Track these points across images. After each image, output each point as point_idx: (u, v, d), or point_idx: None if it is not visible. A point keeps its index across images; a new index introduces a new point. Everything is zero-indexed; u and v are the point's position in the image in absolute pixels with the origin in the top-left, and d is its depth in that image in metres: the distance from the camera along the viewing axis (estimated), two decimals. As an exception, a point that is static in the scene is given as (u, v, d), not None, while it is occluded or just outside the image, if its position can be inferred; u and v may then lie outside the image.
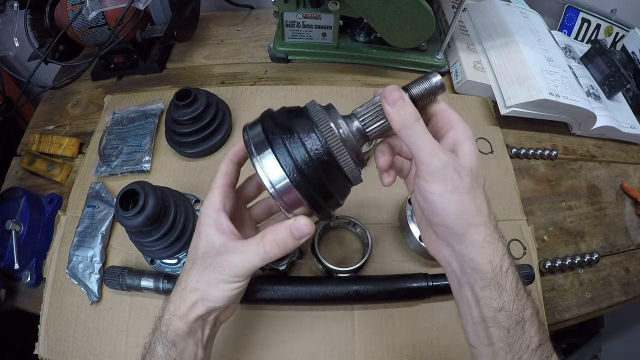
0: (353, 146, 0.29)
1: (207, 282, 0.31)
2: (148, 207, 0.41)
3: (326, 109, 0.30)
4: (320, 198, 0.28)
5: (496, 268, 0.28)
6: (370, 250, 0.50)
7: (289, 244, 0.29)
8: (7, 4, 0.60)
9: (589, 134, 0.68)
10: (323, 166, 0.28)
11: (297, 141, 0.27)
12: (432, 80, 0.30)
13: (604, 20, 0.82)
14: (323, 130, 0.28)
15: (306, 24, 0.66)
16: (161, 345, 0.31)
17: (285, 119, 0.29)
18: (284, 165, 0.27)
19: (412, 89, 0.30)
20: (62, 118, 0.69)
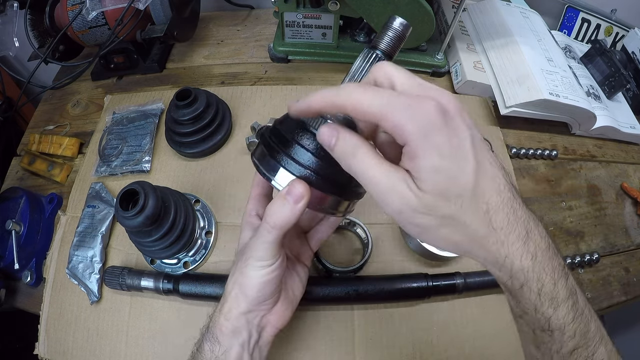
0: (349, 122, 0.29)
1: (240, 273, 0.32)
2: (148, 207, 0.41)
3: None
4: (340, 185, 0.29)
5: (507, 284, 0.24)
6: (370, 250, 0.50)
7: (286, 211, 0.28)
8: (7, 4, 0.60)
9: (589, 134, 0.68)
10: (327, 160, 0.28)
11: (299, 148, 0.28)
12: (394, 25, 0.29)
13: (604, 20, 0.82)
14: (316, 126, 0.28)
15: (306, 24, 0.66)
16: (208, 342, 0.32)
17: (281, 132, 0.30)
18: (297, 174, 0.28)
19: (380, 44, 0.29)
20: (62, 118, 0.69)
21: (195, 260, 0.51)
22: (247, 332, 0.32)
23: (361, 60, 0.30)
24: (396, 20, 0.29)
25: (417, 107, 0.22)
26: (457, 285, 0.48)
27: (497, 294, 0.51)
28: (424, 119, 0.22)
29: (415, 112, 0.22)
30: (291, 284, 0.37)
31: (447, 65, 0.71)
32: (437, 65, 0.70)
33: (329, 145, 0.25)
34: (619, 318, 1.03)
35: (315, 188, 0.28)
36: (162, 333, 0.48)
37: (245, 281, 0.32)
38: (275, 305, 0.34)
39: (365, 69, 0.30)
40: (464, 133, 0.23)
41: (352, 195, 0.31)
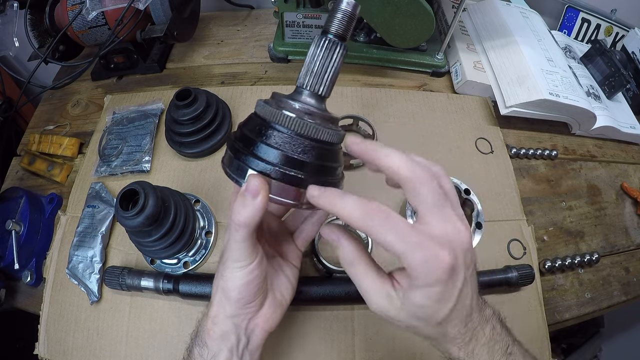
0: (315, 112, 0.29)
1: (221, 276, 0.32)
2: (148, 207, 0.41)
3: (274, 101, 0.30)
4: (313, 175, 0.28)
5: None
6: (370, 251, 0.50)
7: (248, 207, 0.28)
8: (7, 4, 0.60)
9: (589, 134, 0.68)
10: (303, 151, 0.28)
11: (262, 145, 0.28)
12: (342, 5, 0.29)
13: (604, 20, 0.82)
14: (283, 123, 0.28)
15: (306, 24, 0.66)
16: (197, 346, 0.32)
17: (244, 134, 0.29)
18: (267, 172, 0.28)
19: (330, 28, 0.29)
20: (62, 118, 0.69)
21: (195, 260, 0.51)
22: (236, 336, 0.32)
23: (315, 48, 0.30)
24: (344, 1, 0.29)
25: (433, 259, 0.25)
26: (457, 285, 0.48)
27: (496, 294, 0.51)
28: (434, 273, 0.25)
29: (429, 263, 0.25)
30: (278, 285, 0.36)
31: (447, 65, 0.71)
32: (437, 65, 0.70)
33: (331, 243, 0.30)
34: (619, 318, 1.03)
35: (281, 182, 0.27)
36: (162, 333, 0.48)
37: (226, 284, 0.31)
38: (262, 307, 0.34)
39: (321, 56, 0.29)
40: (459, 282, 0.26)
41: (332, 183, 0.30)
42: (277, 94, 0.31)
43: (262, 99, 0.30)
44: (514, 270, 0.49)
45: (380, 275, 0.29)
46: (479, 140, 0.63)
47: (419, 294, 0.26)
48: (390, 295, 0.27)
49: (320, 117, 0.29)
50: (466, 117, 0.66)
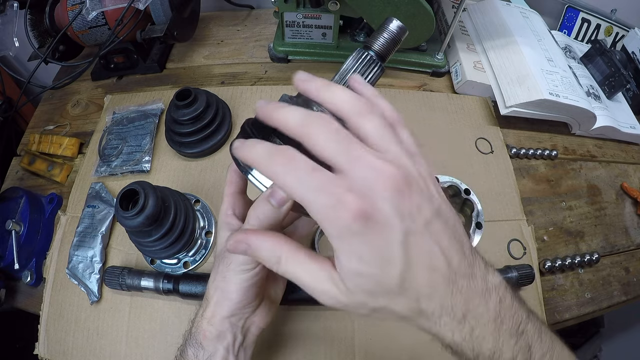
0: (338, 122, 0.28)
1: (222, 278, 0.31)
2: (148, 207, 0.41)
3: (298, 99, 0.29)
4: None
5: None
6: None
7: (269, 213, 0.27)
8: (7, 4, 0.60)
9: (589, 134, 0.68)
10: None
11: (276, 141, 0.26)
12: (391, 27, 0.28)
13: (604, 20, 0.82)
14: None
15: (306, 24, 0.66)
16: (191, 347, 0.32)
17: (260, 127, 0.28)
18: None
19: (374, 45, 0.29)
20: (62, 118, 0.69)
21: (195, 260, 0.51)
22: (232, 335, 0.32)
23: (353, 60, 0.29)
24: (393, 22, 0.28)
25: (333, 205, 0.20)
26: (457, 285, 0.48)
27: (497, 294, 0.51)
28: (338, 222, 0.20)
29: (329, 211, 0.20)
30: (273, 284, 0.37)
31: (447, 65, 0.71)
32: (437, 65, 0.70)
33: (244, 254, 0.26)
34: (619, 318, 1.03)
35: None
36: (162, 333, 0.48)
37: (227, 286, 0.31)
38: (258, 306, 0.34)
39: (357, 69, 0.29)
40: (393, 231, 0.21)
41: None
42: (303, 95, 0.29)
43: (287, 95, 0.29)
44: (514, 270, 0.49)
45: (315, 260, 0.24)
46: (479, 140, 0.63)
47: (344, 257, 0.21)
48: (331, 278, 0.22)
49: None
50: (466, 117, 0.66)
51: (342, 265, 0.22)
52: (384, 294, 0.22)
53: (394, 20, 0.28)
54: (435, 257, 0.22)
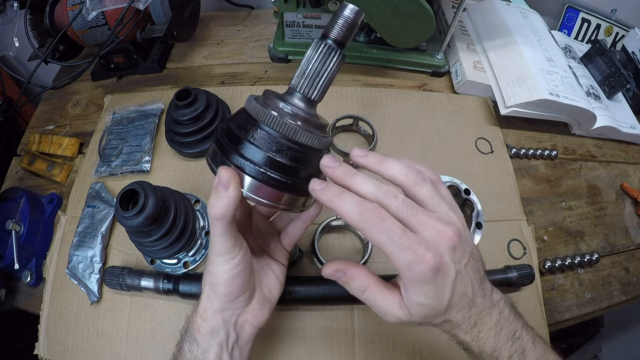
0: (304, 117, 0.29)
1: (207, 272, 0.33)
2: (148, 207, 0.41)
3: (263, 99, 0.30)
4: (296, 180, 0.29)
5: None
6: (370, 250, 0.50)
7: (222, 200, 0.28)
8: (7, 4, 0.60)
9: (589, 134, 0.68)
10: (283, 153, 0.28)
11: (249, 145, 0.28)
12: (345, 12, 0.28)
13: (604, 20, 0.82)
14: (266, 122, 0.28)
15: (306, 24, 0.66)
16: (187, 342, 0.33)
17: (230, 129, 0.29)
18: (248, 172, 0.28)
19: (330, 33, 0.29)
20: (62, 118, 0.69)
21: (195, 260, 0.51)
22: (225, 332, 0.33)
23: (312, 51, 0.29)
24: (347, 7, 0.28)
25: (417, 260, 0.27)
26: (457, 285, 0.48)
27: (497, 294, 0.51)
28: (419, 274, 0.27)
29: (412, 265, 0.27)
30: (267, 282, 0.37)
31: (447, 65, 0.71)
32: (437, 65, 0.70)
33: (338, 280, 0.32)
34: (619, 318, 1.03)
35: (256, 180, 0.28)
36: (162, 333, 0.48)
37: (213, 279, 0.32)
38: (250, 303, 0.34)
39: (317, 60, 0.29)
40: (450, 276, 0.28)
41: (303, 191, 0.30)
42: (269, 91, 0.31)
43: (253, 95, 0.30)
44: (514, 270, 0.49)
45: (388, 289, 0.30)
46: (479, 140, 0.63)
47: (414, 294, 0.28)
48: (401, 305, 0.29)
49: (305, 121, 0.29)
50: (466, 117, 0.66)
51: (410, 299, 0.29)
52: (434, 316, 0.29)
53: (348, 5, 0.28)
54: (467, 287, 0.29)
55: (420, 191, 0.29)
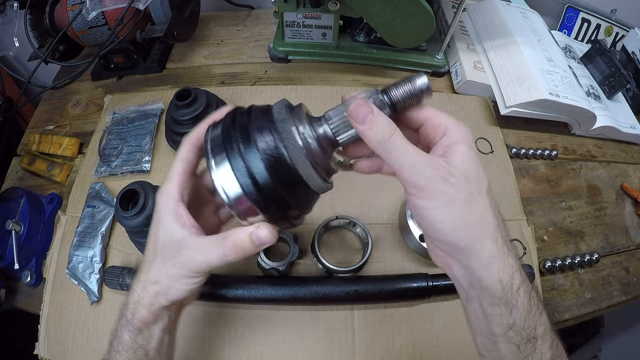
0: (318, 155, 0.27)
1: (167, 276, 0.31)
2: (148, 207, 0.41)
3: (293, 110, 0.28)
4: (278, 210, 0.27)
5: (506, 286, 0.26)
6: (370, 250, 0.50)
7: (248, 250, 0.28)
8: (7, 4, 0.60)
9: (589, 134, 0.68)
10: (281, 177, 0.26)
11: (254, 150, 0.25)
12: (416, 83, 0.27)
13: (604, 20, 0.82)
14: (284, 137, 0.26)
15: (306, 24, 0.66)
16: (127, 332, 0.32)
17: (247, 122, 0.27)
18: (238, 175, 0.25)
19: (391, 92, 0.27)
20: (62, 118, 0.70)
21: (195, 260, 0.51)
22: (167, 316, 0.33)
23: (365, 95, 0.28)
24: (420, 78, 0.27)
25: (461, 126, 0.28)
26: (457, 285, 0.48)
27: (497, 294, 0.51)
28: (465, 130, 0.28)
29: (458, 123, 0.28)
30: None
31: (447, 65, 0.71)
32: (437, 65, 0.70)
33: (362, 119, 0.26)
34: (619, 318, 1.03)
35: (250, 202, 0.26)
36: (162, 333, 0.48)
37: (174, 286, 0.30)
38: None
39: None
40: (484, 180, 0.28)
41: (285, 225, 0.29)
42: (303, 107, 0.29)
43: (286, 101, 0.28)
44: (514, 270, 0.49)
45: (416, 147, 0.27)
46: (479, 140, 0.63)
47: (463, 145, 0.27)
48: (432, 164, 0.26)
49: (322, 159, 0.27)
50: (466, 117, 0.66)
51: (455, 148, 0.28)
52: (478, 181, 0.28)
53: (423, 76, 0.27)
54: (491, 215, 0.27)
55: None
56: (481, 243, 0.26)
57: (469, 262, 0.27)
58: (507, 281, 0.26)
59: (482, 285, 0.27)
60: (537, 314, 0.27)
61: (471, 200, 0.26)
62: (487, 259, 0.26)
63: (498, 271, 0.26)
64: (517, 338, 0.26)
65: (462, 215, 0.26)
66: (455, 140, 0.27)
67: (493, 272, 0.26)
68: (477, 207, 0.26)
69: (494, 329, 0.27)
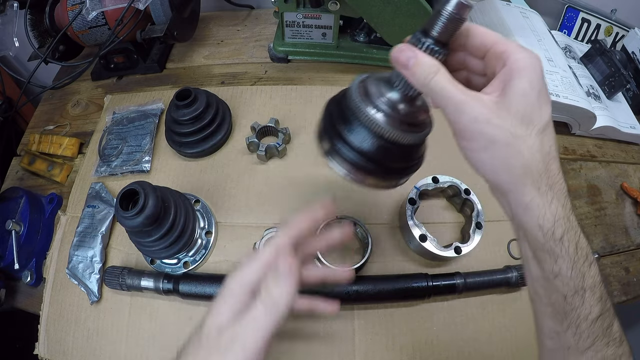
0: (399, 117, 0.29)
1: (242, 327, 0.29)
2: (148, 207, 0.41)
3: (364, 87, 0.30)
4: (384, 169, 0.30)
5: (547, 233, 0.25)
6: (370, 250, 0.50)
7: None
8: (7, 4, 0.60)
9: (589, 134, 0.68)
10: (378, 148, 0.29)
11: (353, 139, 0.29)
12: (447, 7, 0.25)
13: (604, 20, 0.82)
14: (363, 120, 0.29)
15: (306, 24, 0.66)
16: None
17: (335, 116, 0.31)
18: (346, 158, 0.30)
19: (429, 27, 0.26)
20: (62, 118, 0.70)
21: (195, 260, 0.51)
22: None
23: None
24: (450, 2, 0.25)
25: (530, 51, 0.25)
26: (457, 286, 0.48)
27: (497, 294, 0.51)
28: (528, 62, 0.25)
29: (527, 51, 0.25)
30: None
31: (447, 65, 0.71)
32: (437, 65, 0.70)
33: (404, 64, 0.26)
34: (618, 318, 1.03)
35: (362, 173, 0.30)
36: (162, 333, 0.48)
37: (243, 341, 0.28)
38: None
39: None
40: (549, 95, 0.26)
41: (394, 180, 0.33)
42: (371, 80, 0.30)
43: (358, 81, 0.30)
44: (514, 270, 0.49)
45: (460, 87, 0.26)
46: (479, 140, 0.63)
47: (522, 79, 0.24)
48: (483, 99, 0.25)
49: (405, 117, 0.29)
50: (466, 117, 0.66)
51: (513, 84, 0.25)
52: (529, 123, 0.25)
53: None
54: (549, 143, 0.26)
55: None
56: (521, 188, 0.25)
57: (510, 205, 0.27)
58: (548, 228, 0.25)
59: (524, 229, 0.26)
60: (586, 265, 0.26)
61: (515, 143, 0.25)
62: (527, 204, 0.25)
63: (538, 217, 0.25)
64: (564, 288, 0.26)
65: (502, 158, 0.25)
66: (515, 74, 0.25)
67: (533, 217, 0.26)
68: (520, 151, 0.25)
69: (540, 274, 0.27)
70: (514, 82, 0.25)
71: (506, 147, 0.25)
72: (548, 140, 0.25)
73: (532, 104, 0.25)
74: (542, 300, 0.28)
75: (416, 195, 0.52)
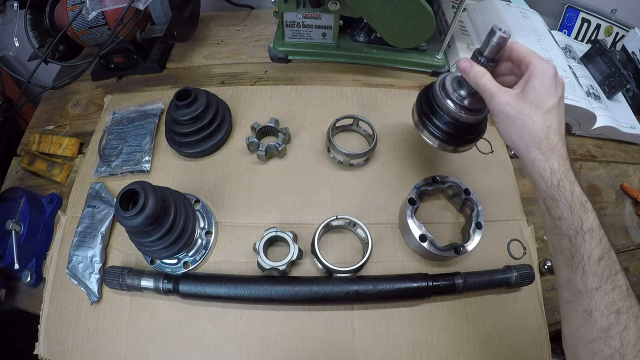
0: (466, 106, 0.44)
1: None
2: (148, 207, 0.41)
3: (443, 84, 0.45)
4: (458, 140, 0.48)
5: (548, 181, 0.35)
6: (370, 250, 0.50)
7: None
8: (7, 4, 0.60)
9: (589, 134, 0.68)
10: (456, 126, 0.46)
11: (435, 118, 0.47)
12: (493, 39, 0.38)
13: (604, 20, 0.82)
14: (444, 110, 0.46)
15: (306, 24, 0.66)
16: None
17: (426, 102, 0.48)
18: (436, 134, 0.47)
19: (481, 49, 0.40)
20: (62, 118, 0.70)
21: (195, 260, 0.51)
22: None
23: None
24: (496, 35, 0.38)
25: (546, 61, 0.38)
26: (457, 285, 0.48)
27: (497, 294, 0.51)
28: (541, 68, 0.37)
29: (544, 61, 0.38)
30: None
31: (447, 65, 0.71)
32: (437, 65, 0.70)
33: (464, 70, 0.41)
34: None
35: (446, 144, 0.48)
36: (162, 333, 0.48)
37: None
38: None
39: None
40: (559, 91, 0.37)
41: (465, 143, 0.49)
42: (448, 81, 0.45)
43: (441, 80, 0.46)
44: (514, 270, 0.49)
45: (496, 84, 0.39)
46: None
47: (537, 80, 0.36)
48: (509, 92, 0.38)
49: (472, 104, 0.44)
50: (466, 117, 0.66)
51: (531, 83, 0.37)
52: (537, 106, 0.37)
53: (497, 32, 0.37)
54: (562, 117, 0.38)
55: None
56: (529, 149, 0.36)
57: (524, 162, 0.38)
58: (547, 177, 0.35)
59: (532, 180, 0.37)
60: (582, 210, 0.34)
61: (527, 120, 0.36)
62: (532, 160, 0.36)
63: (540, 170, 0.36)
64: (568, 231, 0.33)
65: (515, 129, 0.37)
66: (532, 76, 0.37)
67: (536, 169, 0.36)
68: (527, 124, 0.36)
69: (551, 222, 0.35)
70: (530, 81, 0.37)
71: (519, 123, 0.37)
72: (550, 119, 0.36)
73: (540, 95, 0.37)
74: (556, 249, 0.35)
75: (416, 195, 0.52)
